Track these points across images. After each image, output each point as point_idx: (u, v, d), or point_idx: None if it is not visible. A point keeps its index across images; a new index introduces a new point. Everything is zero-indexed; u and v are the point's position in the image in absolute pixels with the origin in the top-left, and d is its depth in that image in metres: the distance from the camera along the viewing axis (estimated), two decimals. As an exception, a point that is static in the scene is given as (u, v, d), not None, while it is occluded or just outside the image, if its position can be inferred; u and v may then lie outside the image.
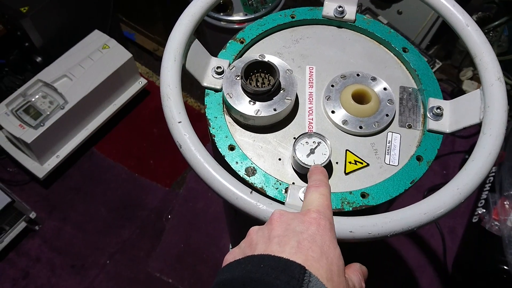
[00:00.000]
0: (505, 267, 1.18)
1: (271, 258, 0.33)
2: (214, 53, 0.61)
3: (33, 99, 1.46)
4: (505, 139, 1.37)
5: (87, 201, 1.62)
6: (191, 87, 1.85)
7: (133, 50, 1.92)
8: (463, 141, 1.72)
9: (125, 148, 1.73)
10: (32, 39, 1.47)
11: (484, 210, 1.33)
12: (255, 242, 0.36)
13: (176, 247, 1.53)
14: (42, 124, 1.42)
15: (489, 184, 1.39)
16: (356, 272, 0.40)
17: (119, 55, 1.57)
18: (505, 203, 1.22)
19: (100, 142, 1.72)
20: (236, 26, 1.48)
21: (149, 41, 1.89)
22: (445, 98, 0.58)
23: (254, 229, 0.39)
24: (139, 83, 1.71)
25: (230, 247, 1.48)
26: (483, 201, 1.37)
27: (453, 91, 1.82)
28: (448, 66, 1.91)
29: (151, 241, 1.54)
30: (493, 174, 1.39)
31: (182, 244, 1.53)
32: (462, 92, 1.78)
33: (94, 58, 1.53)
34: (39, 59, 1.56)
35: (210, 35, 1.58)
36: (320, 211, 0.38)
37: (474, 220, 1.38)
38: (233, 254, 0.38)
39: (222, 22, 1.46)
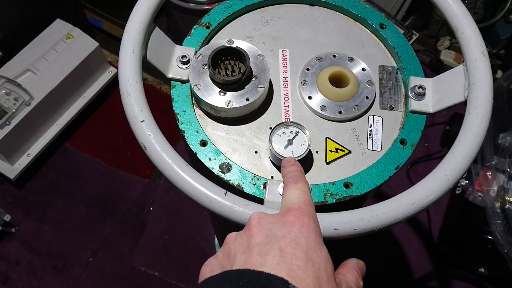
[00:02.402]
0: (489, 237, 1.19)
1: (251, 274, 0.29)
2: (186, 39, 0.56)
3: (-4, 97, 1.38)
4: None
5: (65, 198, 1.56)
6: (165, 74, 1.79)
7: (100, 38, 1.83)
8: (443, 112, 1.71)
9: (100, 141, 1.66)
10: (-11, 32, 1.38)
11: (467, 182, 1.33)
12: (234, 253, 0.33)
13: (160, 239, 1.50)
14: (8, 123, 1.35)
15: (471, 155, 1.39)
16: (352, 271, 0.37)
17: (84, 44, 1.49)
18: (488, 173, 1.22)
19: (73, 137, 1.65)
20: (206, 7, 1.41)
21: (117, 27, 1.80)
22: (424, 69, 0.54)
23: (231, 237, 0.36)
24: (109, 73, 1.63)
25: (215, 238, 1.46)
26: (465, 172, 1.37)
27: (431, 61, 1.80)
28: (425, 36, 1.88)
29: (134, 235, 1.50)
30: (474, 144, 1.39)
31: (166, 235, 1.50)
32: (440, 62, 1.77)
33: (58, 50, 1.45)
34: (-1, 53, 1.47)
35: (180, 18, 1.51)
36: (302, 208, 0.35)
37: (457, 192, 1.38)
38: (210, 267, 0.34)
39: (190, 4, 1.39)
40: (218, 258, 0.34)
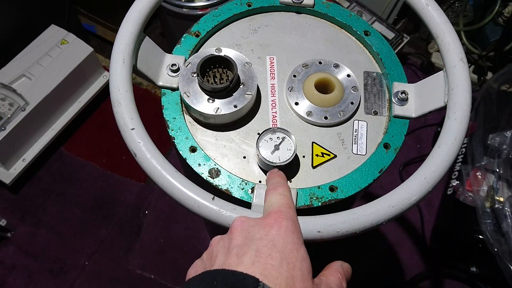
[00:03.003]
0: (480, 237, 1.21)
1: (225, 273, 0.31)
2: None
3: (-9, 102, 1.39)
4: (474, 109, 1.39)
5: (60, 202, 1.57)
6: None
7: (95, 43, 1.85)
8: (435, 114, 1.72)
9: (95, 145, 1.67)
10: (-16, 38, 1.39)
11: (458, 182, 1.35)
12: (215, 254, 0.35)
13: (156, 242, 1.51)
14: (3, 128, 1.36)
15: (462, 156, 1.41)
16: (335, 272, 0.37)
17: (79, 50, 1.50)
18: (478, 174, 1.24)
19: (69, 142, 1.66)
20: (199, 12, 1.43)
21: (111, 32, 1.81)
22: (415, 72, 0.56)
23: (216, 240, 0.38)
24: (104, 77, 1.64)
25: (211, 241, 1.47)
26: (456, 173, 1.39)
27: (422, 64, 1.82)
28: (417, 39, 1.91)
29: (129, 238, 1.51)
30: (465, 145, 1.41)
31: (161, 238, 1.51)
32: (431, 65, 1.79)
33: (53, 55, 1.46)
34: (-6, 59, 1.47)
35: (173, 23, 1.52)
36: (281, 211, 0.37)
37: (449, 192, 1.40)
38: (195, 268, 0.36)
39: (184, 9, 1.41)
40: (202, 260, 0.37)
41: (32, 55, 1.46)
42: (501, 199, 1.17)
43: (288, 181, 0.51)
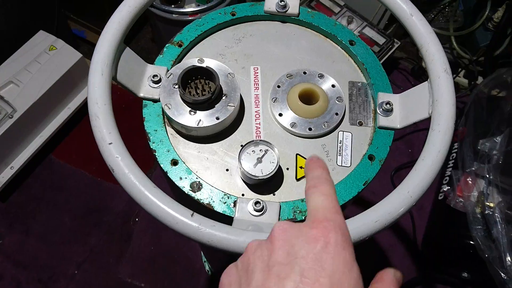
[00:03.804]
0: (471, 242, 1.21)
1: None
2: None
3: (-22, 109, 1.37)
4: (464, 114, 1.39)
5: (49, 210, 1.55)
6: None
7: (85, 49, 1.83)
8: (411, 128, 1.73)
9: (85, 152, 1.66)
10: (-30, 45, 1.38)
11: (449, 187, 1.35)
12: (252, 268, 0.31)
13: (146, 250, 1.49)
14: (-10, 135, 1.34)
15: (452, 161, 1.41)
16: (391, 286, 0.33)
17: (68, 55, 1.49)
18: (468, 179, 1.24)
19: (58, 149, 1.64)
20: (189, 18, 1.42)
21: (101, 37, 1.80)
22: (406, 76, 0.56)
23: (253, 246, 0.33)
24: (94, 84, 1.63)
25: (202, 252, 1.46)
26: (447, 178, 1.39)
27: (413, 68, 1.82)
28: (407, 44, 1.91)
29: (119, 246, 1.50)
30: (455, 150, 1.41)
31: (152, 246, 1.50)
32: (422, 69, 1.79)
33: (41, 61, 1.44)
34: (-19, 65, 1.46)
35: (163, 29, 1.52)
36: (328, 218, 0.31)
37: (440, 198, 1.40)
38: (229, 278, 0.32)
39: (174, 15, 1.40)
40: (237, 268, 0.33)
41: (20, 61, 1.44)
42: (492, 205, 1.16)
43: (272, 194, 0.51)
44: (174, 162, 0.50)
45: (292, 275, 0.28)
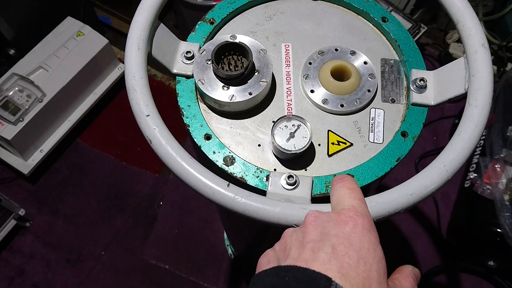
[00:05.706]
0: (498, 230, 1.19)
1: (297, 270, 0.31)
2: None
3: (9, 94, 1.41)
4: (493, 101, 1.36)
5: (77, 193, 1.59)
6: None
7: (110, 35, 1.86)
8: (452, 106, 1.70)
9: (110, 136, 1.69)
10: (2, 31, 1.41)
11: (476, 175, 1.32)
12: (289, 247, 0.35)
13: (170, 233, 1.52)
14: (21, 119, 1.38)
15: (480, 148, 1.38)
16: (408, 277, 0.36)
17: (95, 41, 1.51)
18: (496, 166, 1.21)
19: (84, 133, 1.68)
20: (214, 3, 1.42)
21: (126, 24, 1.82)
22: (432, 63, 0.55)
23: (288, 232, 0.37)
24: (119, 69, 1.65)
25: (224, 232, 1.47)
26: (474, 165, 1.37)
27: (440, 55, 1.78)
28: (434, 30, 1.87)
29: (144, 229, 1.53)
30: (484, 137, 1.38)
31: (176, 229, 1.52)
32: (449, 56, 1.75)
33: (69, 47, 1.47)
34: (12, 51, 1.49)
35: (187, 14, 1.52)
36: (356, 208, 0.35)
37: (466, 185, 1.37)
38: (268, 257, 0.36)
39: (198, 0, 1.41)
40: (275, 251, 0.36)
41: (48, 47, 1.47)
42: (521, 192, 1.14)
43: (303, 169, 0.51)
44: (207, 137, 0.51)
45: (325, 248, 0.32)
